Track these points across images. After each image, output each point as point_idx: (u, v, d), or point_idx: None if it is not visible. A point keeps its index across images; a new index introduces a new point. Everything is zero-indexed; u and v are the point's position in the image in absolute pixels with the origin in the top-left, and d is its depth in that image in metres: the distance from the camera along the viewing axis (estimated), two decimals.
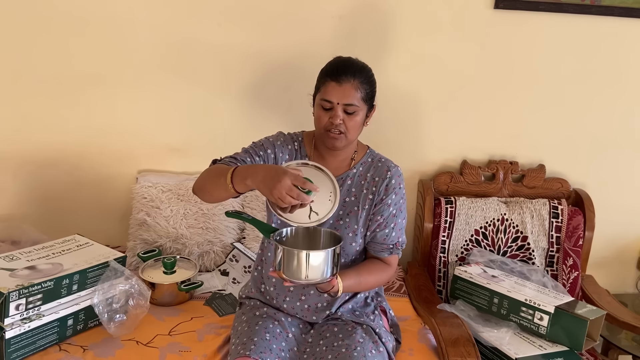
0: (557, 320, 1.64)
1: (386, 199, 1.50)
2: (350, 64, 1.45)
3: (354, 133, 1.46)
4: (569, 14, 2.02)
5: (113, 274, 1.59)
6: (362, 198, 1.51)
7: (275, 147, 1.53)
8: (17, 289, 1.39)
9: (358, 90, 1.42)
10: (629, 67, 2.11)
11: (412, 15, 2.02)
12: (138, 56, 2.03)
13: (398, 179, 1.52)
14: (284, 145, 1.55)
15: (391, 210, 1.51)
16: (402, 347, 1.61)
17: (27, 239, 1.93)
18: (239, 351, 1.39)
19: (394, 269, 1.57)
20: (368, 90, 1.45)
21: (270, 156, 1.53)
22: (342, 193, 1.51)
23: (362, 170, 1.54)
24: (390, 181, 1.51)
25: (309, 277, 1.27)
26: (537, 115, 2.15)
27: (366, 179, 1.52)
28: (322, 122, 1.45)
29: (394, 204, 1.51)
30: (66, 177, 2.13)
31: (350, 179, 1.53)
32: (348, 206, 1.52)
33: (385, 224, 1.50)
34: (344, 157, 1.54)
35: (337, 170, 1.53)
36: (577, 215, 2.09)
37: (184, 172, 2.16)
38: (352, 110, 1.42)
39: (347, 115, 1.43)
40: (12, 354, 1.42)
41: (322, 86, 1.45)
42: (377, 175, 1.52)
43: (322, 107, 1.44)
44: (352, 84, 1.41)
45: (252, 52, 2.04)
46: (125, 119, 2.09)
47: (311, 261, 1.26)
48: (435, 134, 2.16)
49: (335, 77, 1.42)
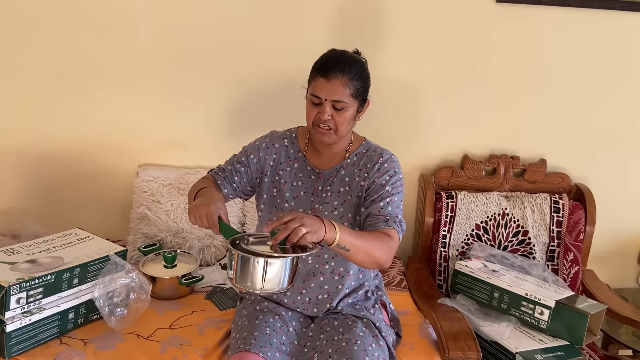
0: (558, 315, 1.64)
1: (379, 180, 1.47)
2: (341, 59, 1.42)
3: (343, 129, 1.45)
4: (572, 7, 2.02)
5: (114, 268, 1.59)
6: (355, 186, 1.51)
7: (260, 150, 1.56)
8: (18, 283, 1.40)
9: (346, 87, 1.40)
10: (631, 61, 2.11)
11: (414, 9, 2.02)
12: (138, 50, 2.03)
13: (392, 164, 1.50)
14: (271, 146, 1.57)
15: (386, 188, 1.46)
16: (402, 341, 1.61)
17: (28, 232, 1.93)
18: (239, 346, 1.39)
19: (395, 242, 1.41)
20: (358, 86, 1.42)
21: (253, 161, 1.56)
22: (335, 184, 1.51)
23: (355, 160, 1.54)
24: (383, 165, 1.49)
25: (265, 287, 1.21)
26: (538, 110, 2.15)
27: (359, 167, 1.52)
28: (311, 116, 1.45)
29: (388, 184, 1.47)
30: (67, 171, 2.13)
31: (344, 169, 1.53)
32: (342, 196, 1.51)
33: (380, 198, 1.46)
34: (338, 149, 1.54)
35: (331, 162, 1.54)
36: (578, 210, 2.08)
37: (184, 166, 2.16)
38: (341, 106, 1.41)
39: (336, 111, 1.42)
40: (13, 347, 1.42)
41: (312, 81, 1.45)
42: (369, 162, 1.51)
43: (311, 101, 1.45)
44: (341, 81, 1.39)
45: (252, 46, 2.04)
46: (125, 113, 2.09)
47: (268, 268, 1.19)
48: (436, 129, 2.16)
49: (323, 72, 1.40)
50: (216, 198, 1.41)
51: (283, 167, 1.56)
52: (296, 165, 1.56)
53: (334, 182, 1.53)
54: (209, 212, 1.33)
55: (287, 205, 1.54)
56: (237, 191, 1.58)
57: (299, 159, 1.56)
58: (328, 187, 1.53)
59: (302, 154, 1.57)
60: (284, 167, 1.56)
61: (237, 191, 1.58)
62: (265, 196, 1.57)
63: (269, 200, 1.57)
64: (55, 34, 1.99)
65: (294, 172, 1.56)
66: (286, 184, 1.55)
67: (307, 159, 1.56)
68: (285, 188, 1.55)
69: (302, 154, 1.56)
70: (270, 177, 1.57)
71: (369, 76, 1.48)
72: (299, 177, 1.55)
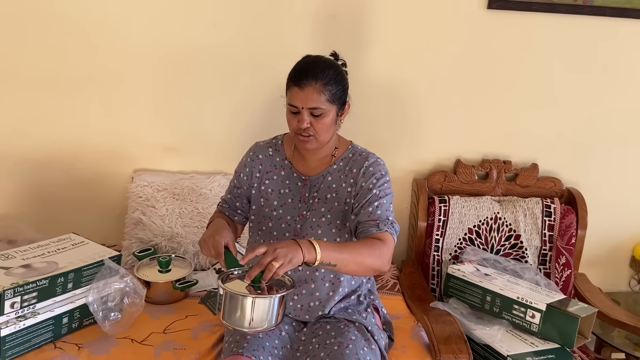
0: (549, 318, 1.66)
1: (365, 184, 1.46)
2: (313, 66, 1.41)
3: (324, 134, 1.45)
4: (562, 14, 2.04)
5: (108, 273, 1.59)
6: (342, 192, 1.51)
7: (246, 166, 1.59)
8: (12, 287, 1.40)
9: (321, 93, 1.39)
10: (621, 66, 2.13)
11: (405, 15, 2.04)
12: (133, 56, 2.04)
13: (377, 167, 1.49)
14: (255, 159, 1.59)
15: (373, 192, 1.45)
16: (395, 345, 1.62)
17: (23, 238, 1.93)
18: (232, 349, 1.40)
19: (389, 247, 1.39)
20: (334, 90, 1.41)
21: (244, 179, 1.59)
22: (322, 190, 1.52)
23: (342, 165, 1.54)
24: (368, 169, 1.48)
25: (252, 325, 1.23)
26: (530, 115, 2.17)
27: (344, 173, 1.52)
28: (291, 125, 1.46)
29: (375, 187, 1.45)
30: (62, 176, 2.14)
31: (331, 174, 1.53)
32: (329, 202, 1.52)
33: (369, 203, 1.44)
34: (323, 154, 1.54)
35: (318, 168, 1.54)
36: (570, 214, 2.10)
37: (179, 171, 2.17)
38: (319, 113, 1.41)
39: (315, 118, 1.42)
40: (7, 351, 1.43)
41: (288, 90, 1.45)
42: (355, 167, 1.51)
43: (290, 111, 1.45)
44: (315, 88, 1.39)
45: (247, 51, 2.05)
46: (121, 119, 2.10)
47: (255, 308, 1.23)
48: (429, 134, 2.18)
49: (297, 81, 1.40)
50: (222, 227, 1.44)
51: (269, 176, 1.57)
52: (282, 173, 1.57)
53: (320, 188, 1.53)
54: (214, 242, 1.38)
55: (275, 214, 1.54)
56: (246, 213, 1.62)
57: (285, 166, 1.57)
58: (315, 193, 1.53)
59: (288, 161, 1.57)
60: (270, 176, 1.57)
61: (246, 213, 1.62)
62: (254, 207, 1.59)
63: (257, 210, 1.58)
64: (51, 40, 2.00)
65: (281, 180, 1.56)
66: (273, 193, 1.56)
67: (294, 166, 1.57)
68: (273, 196, 1.56)
69: (288, 161, 1.57)
70: (257, 188, 1.58)
71: (345, 78, 1.46)
72: (285, 185, 1.56)
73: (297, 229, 1.52)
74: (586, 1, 2.02)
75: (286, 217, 1.53)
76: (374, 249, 1.35)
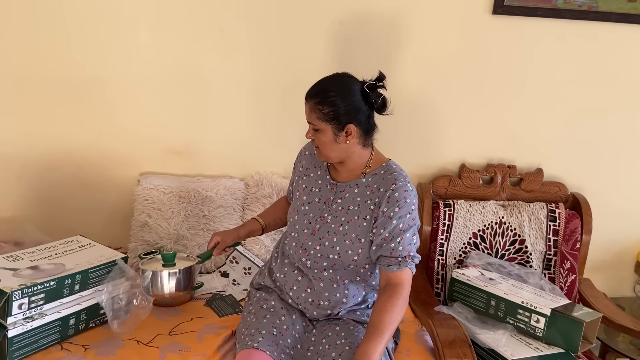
0: (554, 323, 1.66)
1: (388, 211, 1.45)
2: (317, 84, 1.50)
3: (325, 150, 1.51)
4: (566, 19, 2.05)
5: (119, 273, 1.61)
6: (364, 208, 1.51)
7: (297, 159, 1.72)
8: (20, 288, 1.42)
9: (313, 112, 1.47)
10: (625, 72, 2.13)
11: (411, 20, 2.05)
12: (141, 60, 2.06)
13: (404, 193, 1.46)
14: (303, 153, 1.71)
15: (395, 223, 1.44)
16: (399, 348, 1.63)
17: (30, 240, 1.94)
18: (246, 342, 1.42)
19: (407, 286, 1.45)
20: (325, 111, 1.45)
21: (294, 171, 1.72)
22: (346, 199, 1.54)
23: (371, 180, 1.53)
24: (394, 194, 1.46)
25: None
26: (535, 120, 2.17)
27: (371, 190, 1.52)
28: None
29: (398, 217, 1.44)
30: (69, 179, 2.15)
31: (358, 187, 1.54)
32: (350, 214, 1.52)
33: (392, 237, 1.45)
34: (351, 167, 1.56)
35: (348, 178, 1.58)
36: (575, 219, 2.10)
37: (185, 174, 2.18)
38: (315, 128, 1.49)
39: (314, 132, 1.50)
40: (15, 352, 1.44)
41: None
42: (382, 187, 1.50)
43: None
44: (309, 105, 1.49)
45: (254, 55, 2.07)
46: (127, 122, 2.12)
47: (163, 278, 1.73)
48: (434, 138, 2.18)
49: (306, 96, 1.51)
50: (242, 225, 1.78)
51: (308, 173, 1.65)
52: (319, 173, 1.63)
53: (345, 197, 1.54)
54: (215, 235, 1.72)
55: (302, 209, 1.60)
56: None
57: (323, 167, 1.63)
58: (339, 200, 1.55)
59: (326, 164, 1.63)
60: (308, 173, 1.65)
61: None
62: (293, 198, 1.70)
63: (293, 201, 1.67)
64: (59, 44, 2.02)
65: (315, 179, 1.63)
66: (306, 189, 1.63)
67: (329, 169, 1.62)
68: (304, 192, 1.62)
69: (326, 164, 1.63)
70: (297, 181, 1.67)
71: (339, 103, 1.45)
72: (317, 184, 1.61)
73: (315, 228, 1.55)
74: (591, 7, 2.03)
75: (309, 215, 1.58)
76: (395, 306, 1.41)
